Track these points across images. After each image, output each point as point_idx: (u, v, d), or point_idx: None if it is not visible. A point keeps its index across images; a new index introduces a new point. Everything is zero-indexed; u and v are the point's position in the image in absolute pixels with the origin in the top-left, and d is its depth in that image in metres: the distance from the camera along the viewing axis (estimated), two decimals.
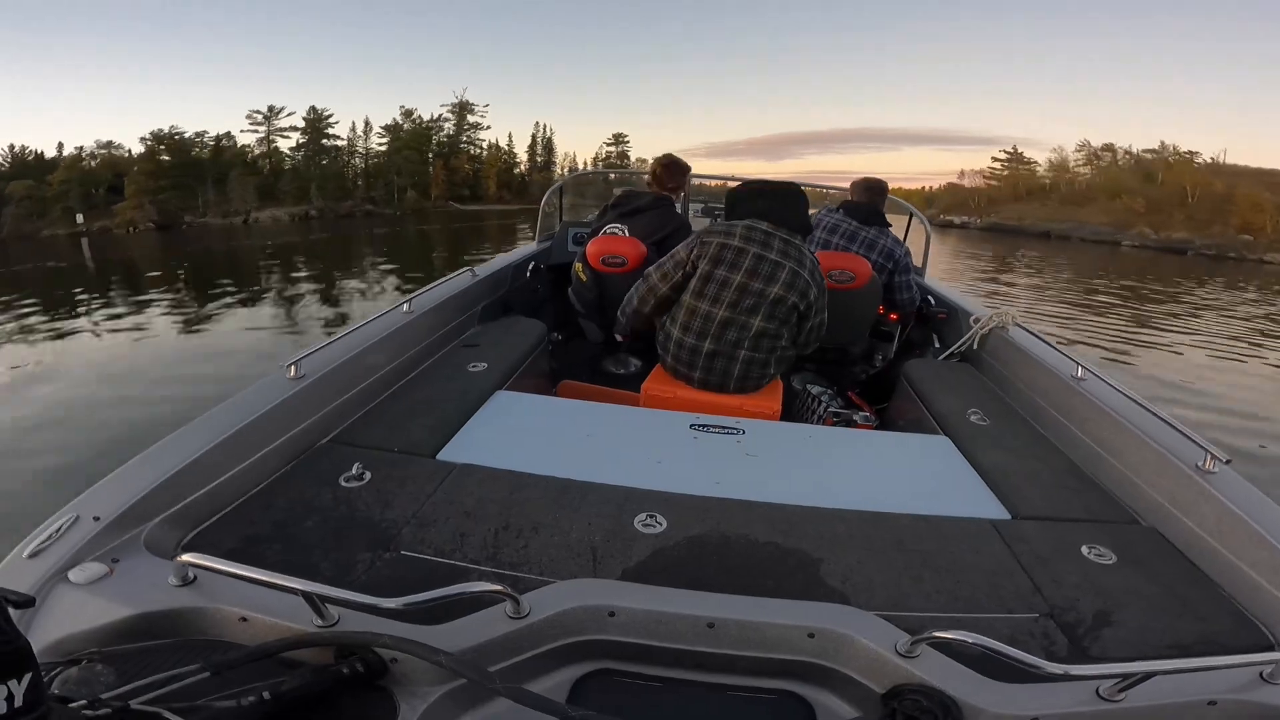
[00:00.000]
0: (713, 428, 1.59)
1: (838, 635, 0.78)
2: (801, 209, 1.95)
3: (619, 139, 68.58)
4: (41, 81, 79.73)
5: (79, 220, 32.99)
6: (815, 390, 2.30)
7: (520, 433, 1.53)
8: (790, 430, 1.75)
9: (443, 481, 1.22)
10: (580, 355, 2.43)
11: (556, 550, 1.04)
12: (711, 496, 1.22)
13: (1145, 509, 1.32)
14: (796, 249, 1.88)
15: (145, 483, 0.99)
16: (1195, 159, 43.95)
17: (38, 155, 38.77)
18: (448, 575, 0.97)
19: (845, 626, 0.79)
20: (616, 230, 2.45)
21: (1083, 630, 0.94)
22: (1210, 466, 1.25)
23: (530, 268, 3.00)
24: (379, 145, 50.45)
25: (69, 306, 9.80)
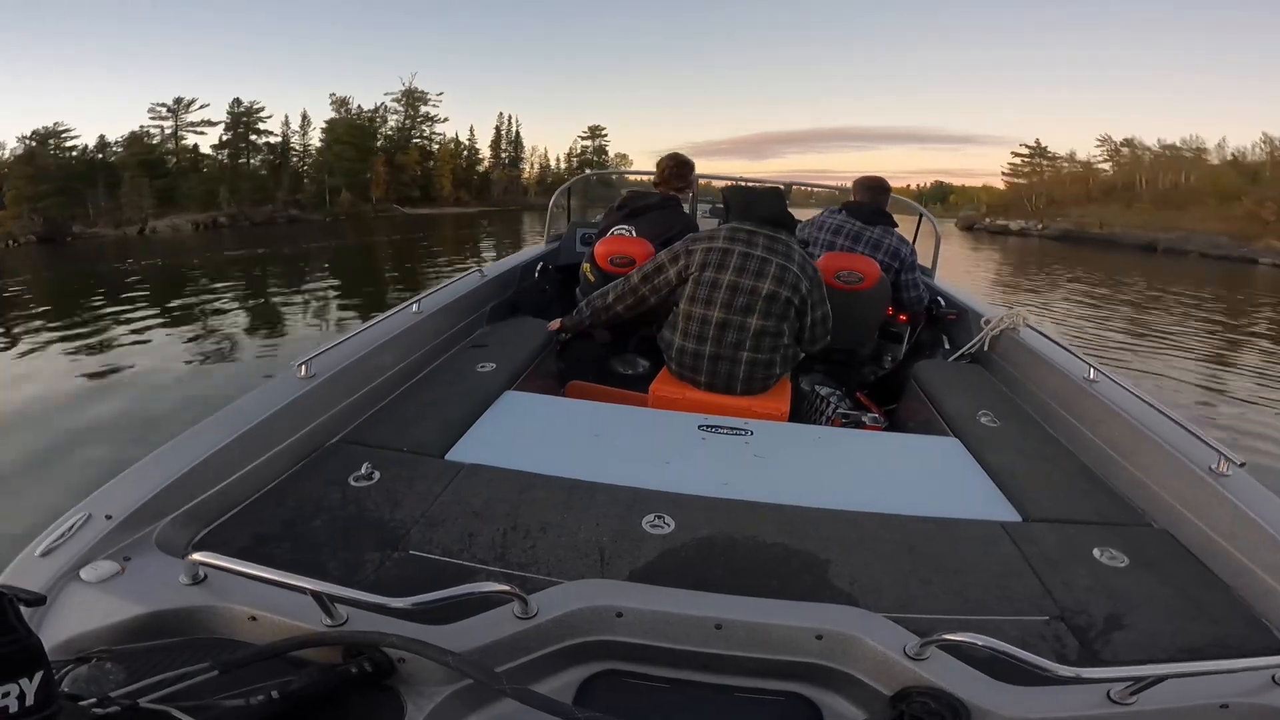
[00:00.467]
0: (721, 429, 1.58)
1: (845, 637, 0.78)
2: (780, 205, 1.96)
3: (596, 132, 64.56)
4: None
5: None
6: (824, 391, 2.29)
7: (528, 433, 1.53)
8: (798, 431, 1.74)
9: (451, 481, 1.22)
10: (588, 356, 2.43)
11: (564, 551, 1.04)
12: (719, 497, 1.22)
13: (1158, 511, 1.31)
14: (783, 244, 1.89)
15: (157, 481, 1.00)
16: None
17: None
18: (456, 575, 0.97)
19: (853, 628, 0.79)
20: (624, 231, 2.45)
21: (1094, 633, 0.93)
22: (1224, 469, 1.24)
23: (538, 268, 3.01)
24: (321, 141, 44.42)
25: None
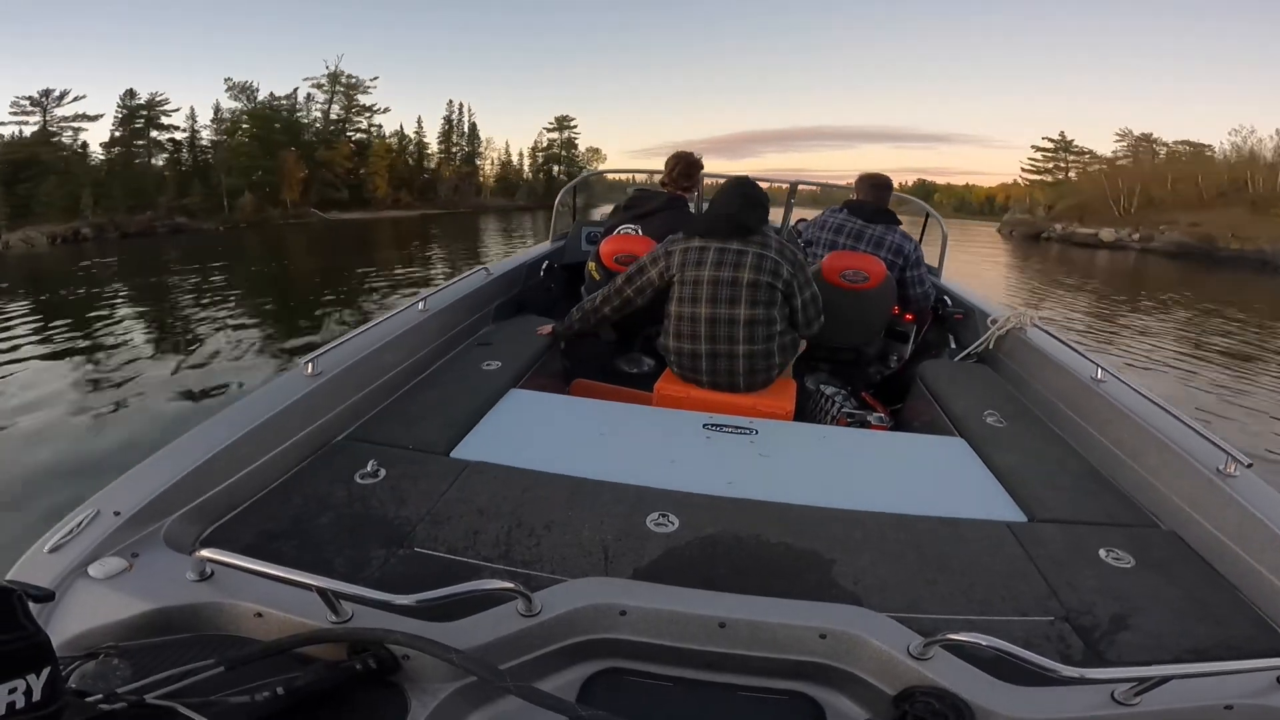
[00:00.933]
0: (726, 427, 1.58)
1: (849, 636, 0.78)
2: (748, 194, 1.96)
3: (563, 123, 57.86)
4: None
5: None
6: (829, 391, 2.29)
7: (533, 431, 1.53)
8: (804, 431, 1.74)
9: (456, 479, 1.23)
10: (593, 354, 2.43)
11: (568, 549, 1.04)
12: (724, 496, 1.22)
13: (1165, 512, 1.30)
14: (759, 234, 1.91)
15: (165, 478, 1.01)
16: None
17: None
18: (460, 572, 0.97)
19: (857, 628, 0.79)
20: (630, 230, 2.45)
21: (1099, 634, 0.93)
22: (1231, 470, 1.23)
23: (544, 267, 3.02)
24: (216, 135, 35.91)
25: None
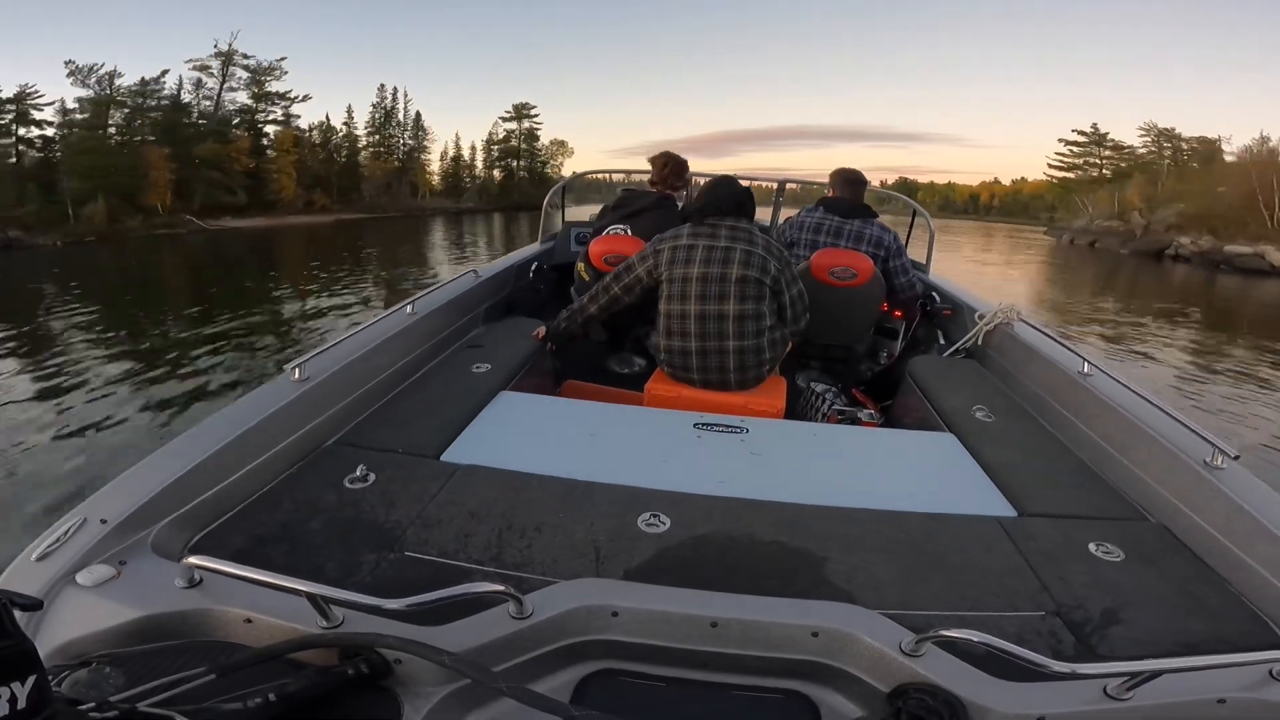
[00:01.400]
0: (716, 426, 1.59)
1: (841, 634, 0.78)
2: (735, 192, 1.98)
3: (523, 111, 50.76)
4: None
5: None
6: (819, 388, 2.30)
7: (524, 433, 1.53)
8: (794, 428, 1.75)
9: (447, 482, 1.22)
10: (584, 355, 2.43)
11: (560, 550, 1.04)
12: (715, 496, 1.22)
13: (1154, 506, 1.31)
14: (745, 231, 1.93)
15: (152, 485, 1.00)
16: None
17: None
18: (451, 576, 0.97)
19: (849, 625, 0.79)
20: (620, 230, 2.46)
21: (1090, 628, 0.93)
22: (1218, 462, 1.24)
23: (533, 268, 3.01)
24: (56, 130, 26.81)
25: None
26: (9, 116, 26.27)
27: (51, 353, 6.66)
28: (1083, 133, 44.67)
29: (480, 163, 51.00)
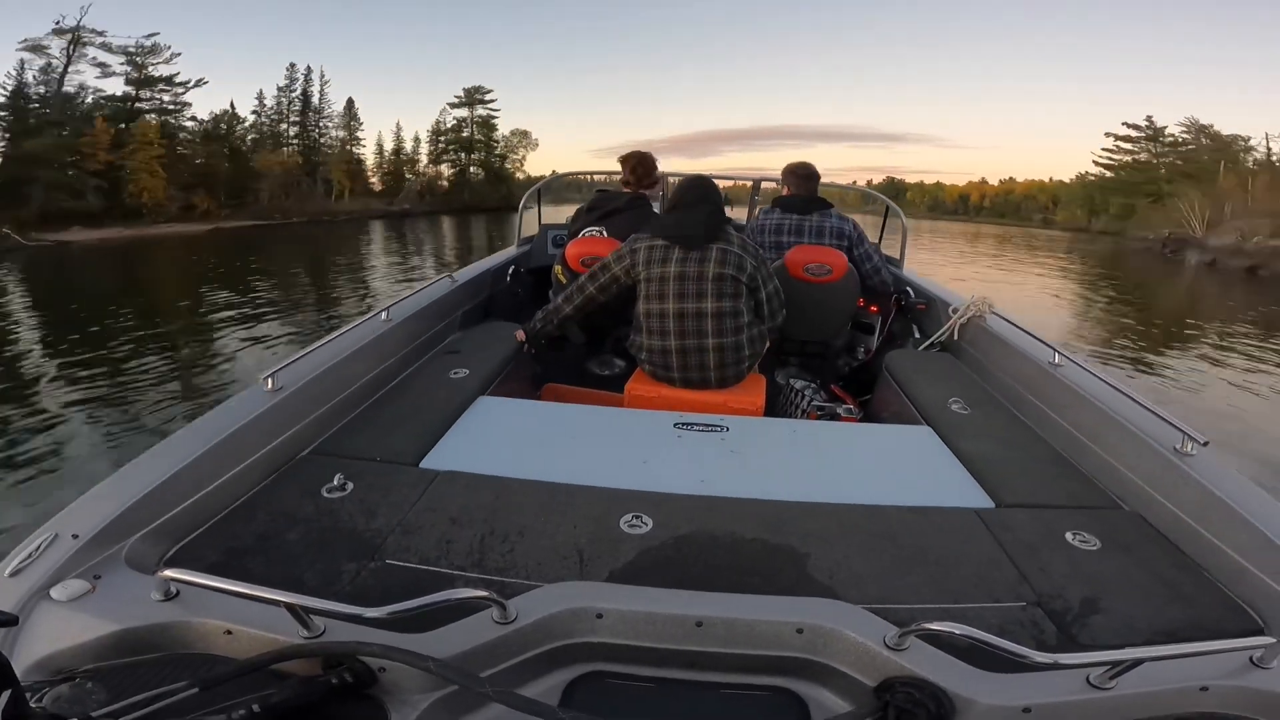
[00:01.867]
0: (697, 426, 1.60)
1: (825, 630, 0.79)
2: (706, 190, 2.01)
3: (474, 95, 42.89)
4: None
5: None
6: (798, 384, 2.32)
7: (504, 438, 1.53)
8: (774, 426, 1.76)
9: (426, 489, 1.22)
10: (564, 358, 2.43)
11: (542, 554, 1.04)
12: (697, 495, 1.23)
13: (1127, 494, 1.33)
14: (723, 231, 1.95)
15: (122, 500, 0.99)
16: None
17: None
18: (433, 583, 0.96)
19: (832, 621, 0.79)
20: (595, 232, 2.46)
21: (1070, 618, 0.94)
22: (1188, 449, 1.26)
23: (510, 272, 2.99)
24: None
25: None
26: None
27: None
28: (1135, 126, 37.67)
29: (425, 156, 43.06)
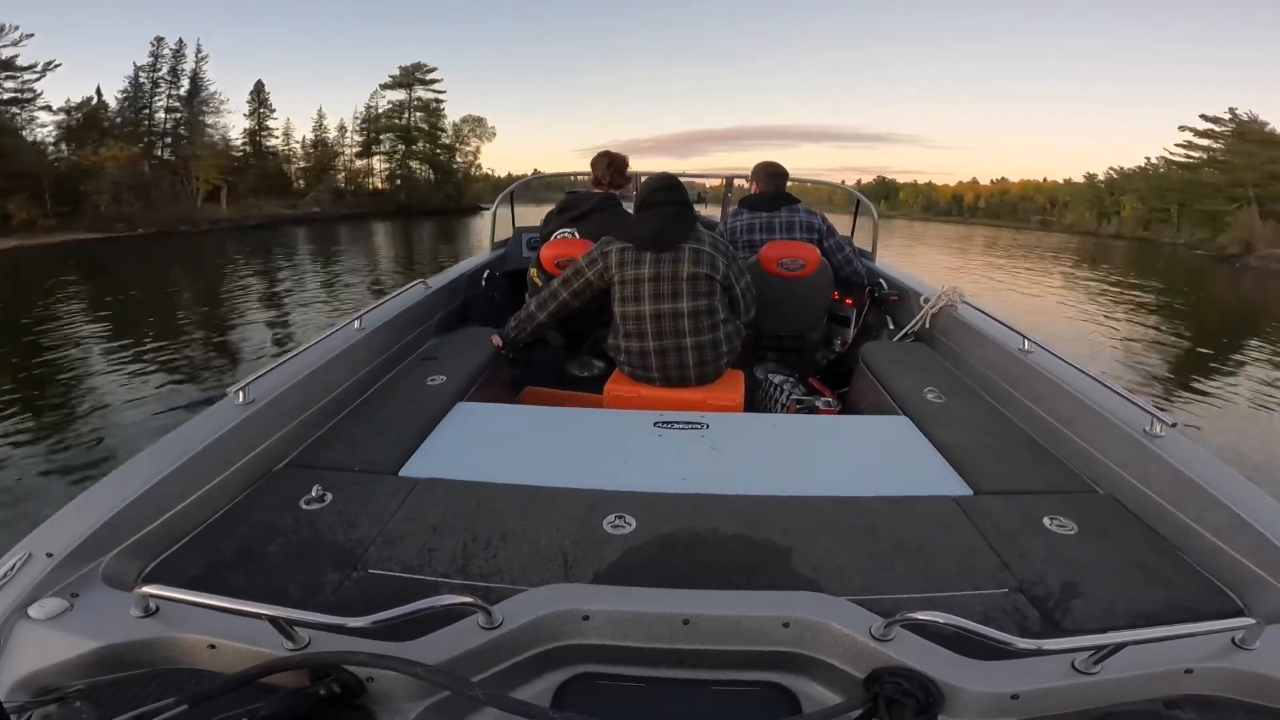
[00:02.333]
0: (677, 424, 1.60)
1: (811, 623, 0.79)
2: (674, 190, 2.01)
3: (415, 74, 36.81)
4: None
5: None
6: (777, 379, 2.34)
7: (484, 443, 1.52)
8: (754, 421, 1.77)
9: (407, 497, 1.21)
10: (542, 361, 2.42)
11: (526, 558, 1.04)
12: (679, 493, 1.23)
13: (1101, 477, 1.35)
14: (693, 230, 1.96)
15: (96, 517, 0.97)
16: None
17: None
18: (417, 591, 0.96)
19: (817, 614, 0.80)
20: (568, 234, 2.46)
21: (1052, 603, 0.95)
22: (1158, 430, 1.28)
23: (485, 276, 2.97)
24: None
25: None
26: None
27: None
28: (1213, 119, 32.71)
29: (348, 149, 36.38)
